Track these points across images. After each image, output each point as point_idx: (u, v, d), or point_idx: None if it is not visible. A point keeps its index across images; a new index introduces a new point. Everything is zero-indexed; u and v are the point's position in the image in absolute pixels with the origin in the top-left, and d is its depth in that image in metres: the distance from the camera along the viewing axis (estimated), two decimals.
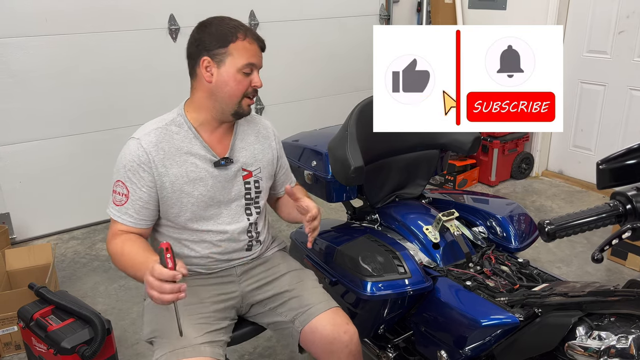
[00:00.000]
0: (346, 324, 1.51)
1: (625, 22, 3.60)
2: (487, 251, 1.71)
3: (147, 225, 1.50)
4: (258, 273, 1.64)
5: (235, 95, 1.46)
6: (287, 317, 1.56)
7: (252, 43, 1.46)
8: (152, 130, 1.48)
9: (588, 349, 1.13)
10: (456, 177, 3.98)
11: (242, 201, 1.58)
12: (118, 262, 1.42)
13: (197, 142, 1.50)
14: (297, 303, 1.56)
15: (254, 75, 1.47)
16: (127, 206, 1.46)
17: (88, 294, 2.83)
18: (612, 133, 3.82)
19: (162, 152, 1.46)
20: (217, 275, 1.60)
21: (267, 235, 1.71)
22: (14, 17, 3.10)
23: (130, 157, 1.44)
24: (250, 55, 1.45)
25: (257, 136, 1.63)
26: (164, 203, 1.49)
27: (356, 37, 4.49)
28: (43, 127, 3.33)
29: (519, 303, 1.37)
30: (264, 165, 1.63)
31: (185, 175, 1.48)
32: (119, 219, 1.46)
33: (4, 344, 2.35)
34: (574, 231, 1.09)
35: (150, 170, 1.45)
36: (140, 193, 1.45)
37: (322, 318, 1.50)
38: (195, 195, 1.49)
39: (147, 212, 1.48)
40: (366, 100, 1.87)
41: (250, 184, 1.59)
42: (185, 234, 1.55)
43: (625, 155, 1.16)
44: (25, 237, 3.42)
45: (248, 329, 1.64)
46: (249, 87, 1.47)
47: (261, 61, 1.50)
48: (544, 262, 3.01)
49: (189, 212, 1.50)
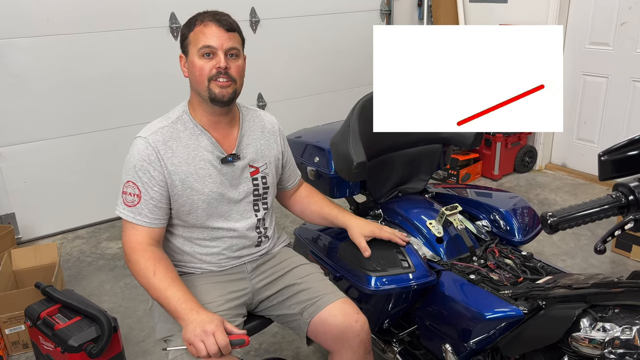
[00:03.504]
0: (357, 314, 1.51)
1: (627, 13, 3.58)
2: (491, 245, 1.72)
3: (161, 224, 1.50)
4: (268, 269, 1.65)
5: (200, 81, 1.45)
6: (296, 310, 1.56)
7: (208, 25, 1.44)
8: (159, 129, 1.48)
9: (592, 340, 1.14)
10: (459, 171, 3.98)
11: (251, 198, 1.58)
12: (145, 279, 1.41)
13: (204, 139, 1.51)
14: (305, 295, 1.56)
15: (217, 57, 1.43)
16: (140, 206, 1.45)
17: (94, 293, 2.84)
18: (615, 125, 3.81)
19: (170, 150, 1.47)
20: (229, 272, 1.61)
21: (274, 231, 1.72)
22: (15, 18, 3.11)
23: (140, 157, 1.45)
24: (206, 38, 1.43)
25: (262, 131, 1.63)
26: (176, 201, 1.49)
27: (358, 32, 4.49)
28: (47, 127, 3.34)
29: (523, 296, 1.37)
30: (270, 161, 1.63)
31: (195, 173, 1.49)
32: (134, 219, 1.45)
33: (12, 342, 2.37)
34: (576, 223, 1.09)
35: (161, 168, 1.45)
36: (152, 192, 1.46)
37: (332, 308, 1.51)
38: (206, 192, 1.50)
39: (160, 211, 1.48)
40: (368, 95, 1.87)
41: (257, 180, 1.59)
42: (196, 233, 1.55)
43: (628, 146, 1.16)
44: (31, 236, 3.43)
45: (255, 323, 1.64)
46: (212, 69, 1.43)
47: (226, 42, 1.43)
48: (548, 255, 3.01)
49: (199, 209, 1.51)
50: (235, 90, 1.48)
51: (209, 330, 1.27)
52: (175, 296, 1.36)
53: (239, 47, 1.48)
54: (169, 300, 1.36)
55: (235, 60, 1.47)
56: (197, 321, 1.30)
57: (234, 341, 1.30)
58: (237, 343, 1.30)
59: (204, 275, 1.58)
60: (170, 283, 1.38)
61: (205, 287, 1.54)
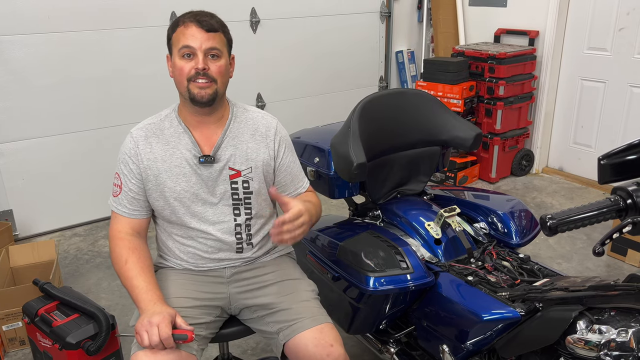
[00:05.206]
0: (330, 346, 1.42)
1: (625, 19, 3.61)
2: (489, 247, 1.73)
3: (141, 215, 1.54)
4: (249, 277, 1.60)
5: (181, 82, 1.46)
6: (273, 329, 1.52)
7: (188, 26, 1.43)
8: (146, 125, 1.54)
9: (588, 342, 1.15)
10: (457, 173, 4.00)
11: (229, 201, 1.55)
12: (118, 266, 1.47)
13: (185, 138, 1.52)
14: (283, 316, 1.51)
15: (196, 57, 1.43)
16: (121, 197, 1.53)
17: (91, 290, 2.84)
18: (612, 130, 3.83)
19: (149, 146, 1.51)
20: (207, 274, 1.60)
21: (266, 240, 1.65)
22: (16, 15, 3.11)
23: (124, 150, 1.53)
24: (186, 38, 1.43)
25: (252, 135, 1.57)
26: (150, 196, 1.53)
27: (357, 34, 4.50)
28: (45, 125, 3.34)
29: (520, 298, 1.38)
30: (256, 165, 1.56)
31: (169, 170, 1.50)
32: (116, 209, 1.54)
33: (9, 339, 2.37)
34: (575, 225, 1.10)
35: (138, 162, 1.50)
36: (130, 185, 1.52)
37: (305, 336, 1.44)
38: (177, 190, 1.51)
39: (138, 203, 1.53)
40: (369, 97, 1.88)
41: (237, 183, 1.54)
42: (175, 229, 1.57)
43: (626, 150, 1.18)
44: (28, 233, 3.43)
45: (239, 329, 1.61)
46: (191, 70, 1.44)
47: (205, 43, 1.43)
48: (544, 258, 3.02)
49: (172, 206, 1.52)
50: (216, 91, 1.46)
51: (154, 322, 1.30)
52: (140, 285, 1.41)
53: (221, 48, 1.46)
54: (134, 288, 1.41)
55: (216, 60, 1.46)
56: (149, 312, 1.33)
57: (177, 335, 1.31)
58: (180, 338, 1.31)
59: (183, 272, 1.59)
60: (138, 272, 1.43)
61: (180, 281, 1.55)
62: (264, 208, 1.61)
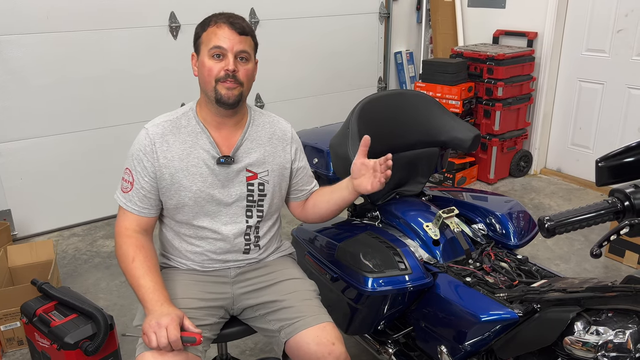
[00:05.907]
0: (331, 344, 1.43)
1: (624, 20, 3.62)
2: (487, 248, 1.73)
3: (150, 214, 1.53)
4: (252, 277, 1.61)
5: (208, 82, 1.46)
6: (275, 327, 1.53)
7: (220, 27, 1.44)
8: (162, 122, 1.52)
9: (586, 343, 1.15)
10: (455, 174, 4.00)
11: (244, 203, 1.56)
12: (124, 264, 1.46)
13: (203, 137, 1.52)
14: (285, 314, 1.52)
15: (226, 59, 1.45)
16: (131, 194, 1.51)
17: (90, 290, 2.84)
18: (610, 131, 3.84)
19: (166, 144, 1.49)
20: (211, 274, 1.60)
21: (271, 242, 1.67)
22: (15, 15, 3.10)
23: (138, 146, 1.50)
24: (218, 38, 1.44)
25: (270, 138, 1.60)
26: (163, 194, 1.51)
27: (356, 35, 4.51)
28: (44, 124, 3.34)
29: (518, 299, 1.39)
30: (273, 168, 1.59)
31: (186, 169, 1.50)
32: (125, 206, 1.51)
33: (7, 339, 2.37)
34: (573, 227, 1.10)
35: (153, 160, 1.48)
36: (142, 182, 1.50)
37: (306, 334, 1.45)
38: (193, 190, 1.50)
39: (149, 201, 1.51)
40: (368, 97, 1.89)
41: (253, 185, 1.56)
42: (183, 228, 1.56)
43: (624, 153, 1.18)
44: (26, 233, 3.43)
45: (239, 329, 1.61)
46: (220, 71, 1.44)
47: (237, 45, 1.45)
48: (542, 259, 3.03)
49: (187, 206, 1.52)
50: (241, 93, 1.48)
51: (163, 324, 1.29)
52: (146, 285, 1.39)
53: (250, 51, 1.49)
54: (140, 288, 1.40)
55: (245, 64, 1.48)
56: (157, 313, 1.32)
57: (185, 338, 1.31)
58: (188, 340, 1.31)
59: (188, 272, 1.59)
60: (145, 272, 1.42)
61: (185, 282, 1.55)
62: (274, 211, 1.64)
